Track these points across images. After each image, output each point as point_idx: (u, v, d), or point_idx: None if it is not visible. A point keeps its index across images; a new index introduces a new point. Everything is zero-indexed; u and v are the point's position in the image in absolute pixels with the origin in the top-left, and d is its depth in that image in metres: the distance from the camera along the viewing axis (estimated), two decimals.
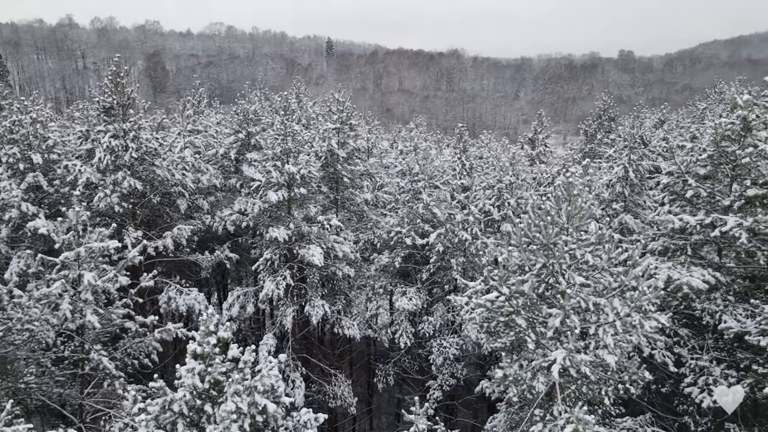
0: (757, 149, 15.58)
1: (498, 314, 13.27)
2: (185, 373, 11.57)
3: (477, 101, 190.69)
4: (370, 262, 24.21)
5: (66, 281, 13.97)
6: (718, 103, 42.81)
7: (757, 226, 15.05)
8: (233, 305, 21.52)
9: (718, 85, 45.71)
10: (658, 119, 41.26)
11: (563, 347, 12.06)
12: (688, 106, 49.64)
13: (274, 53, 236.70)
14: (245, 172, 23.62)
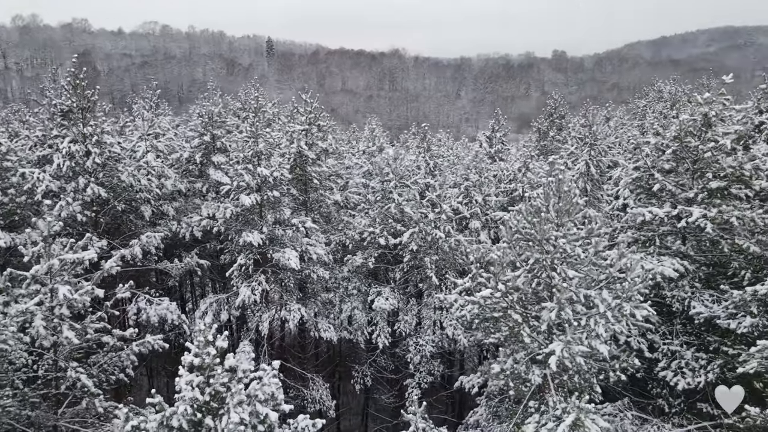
0: (718, 144, 16.57)
1: (492, 310, 13.52)
2: (185, 386, 11.14)
3: (420, 100, 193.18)
4: (342, 264, 24.07)
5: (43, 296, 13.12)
6: (657, 101, 45.25)
7: (720, 216, 16.03)
8: (206, 314, 20.88)
9: (656, 83, 48.25)
10: (603, 116, 43.16)
11: (558, 339, 12.45)
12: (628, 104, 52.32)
13: (212, 53, 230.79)
14: (212, 175, 22.95)
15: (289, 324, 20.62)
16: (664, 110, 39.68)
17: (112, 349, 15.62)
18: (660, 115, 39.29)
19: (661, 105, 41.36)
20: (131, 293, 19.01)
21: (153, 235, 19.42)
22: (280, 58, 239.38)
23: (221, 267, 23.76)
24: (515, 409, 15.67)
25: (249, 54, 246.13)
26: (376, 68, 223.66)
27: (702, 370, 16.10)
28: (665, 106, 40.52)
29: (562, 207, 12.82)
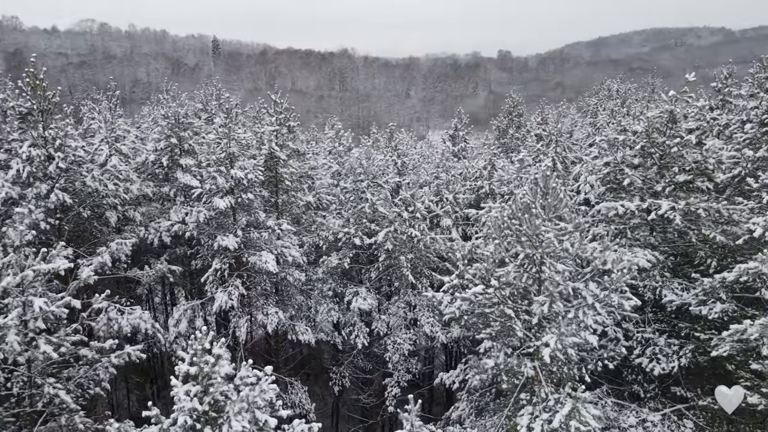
0: (683, 139, 17.39)
1: (483, 306, 13.71)
2: (183, 396, 10.78)
3: (371, 100, 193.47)
4: (316, 266, 23.86)
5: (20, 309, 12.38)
6: (608, 99, 47.02)
7: (689, 207, 16.84)
8: (180, 321, 20.24)
9: (604, 82, 50.13)
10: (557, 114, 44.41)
11: (551, 331, 12.77)
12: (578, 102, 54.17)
13: (155, 52, 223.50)
14: (180, 179, 22.24)
15: (267, 328, 20.25)
16: (615, 108, 41.31)
17: (89, 362, 14.92)
18: (612, 112, 40.88)
19: (612, 103, 42.97)
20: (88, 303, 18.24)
21: (123, 242, 18.66)
22: (227, 57, 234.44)
23: (192, 273, 23.10)
24: (503, 403, 15.97)
25: (194, 54, 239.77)
26: (325, 68, 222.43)
27: (675, 356, 16.86)
28: (616, 104, 42.18)
29: (550, 203, 13.15)
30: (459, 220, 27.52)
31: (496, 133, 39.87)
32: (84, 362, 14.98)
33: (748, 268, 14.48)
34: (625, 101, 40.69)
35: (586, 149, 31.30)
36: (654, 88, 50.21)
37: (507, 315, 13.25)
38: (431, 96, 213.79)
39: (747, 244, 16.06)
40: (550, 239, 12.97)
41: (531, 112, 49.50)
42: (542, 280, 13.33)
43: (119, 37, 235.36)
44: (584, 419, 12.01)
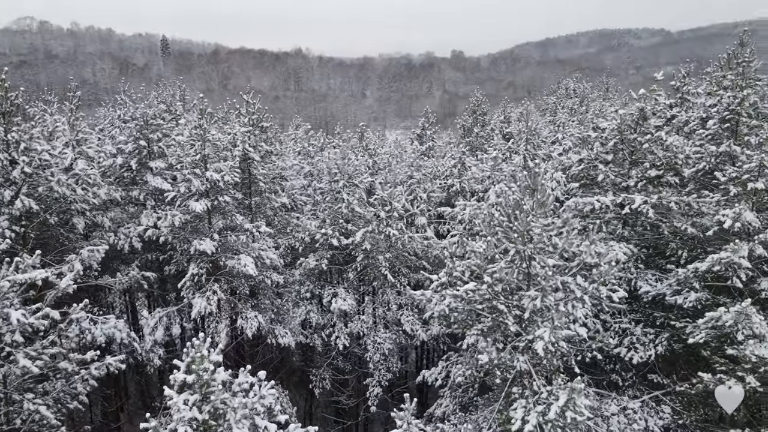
0: (654, 135, 18.07)
1: (476, 303, 13.87)
2: (182, 406, 10.44)
3: (328, 100, 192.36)
4: (292, 268, 23.57)
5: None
6: (566, 98, 48.36)
7: (660, 201, 17.52)
8: (156, 328, 19.61)
9: (562, 81, 51.53)
10: (520, 113, 45.38)
11: (543, 325, 13.03)
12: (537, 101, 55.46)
13: (101, 52, 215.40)
14: (151, 182, 21.53)
15: (247, 332, 19.87)
16: (574, 106, 42.55)
17: (67, 375, 14.26)
18: (571, 110, 42.09)
19: (571, 101, 44.23)
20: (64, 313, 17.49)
21: (96, 249, 17.90)
22: (178, 57, 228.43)
23: (164, 279, 22.40)
24: (492, 397, 16.19)
25: (143, 53, 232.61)
26: (280, 68, 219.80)
27: (651, 344, 17.51)
28: (575, 102, 43.46)
29: (539, 199, 13.41)
30: (432, 218, 27.75)
31: (461, 131, 40.33)
32: (61, 375, 14.32)
33: (720, 257, 15.19)
34: (583, 100, 41.98)
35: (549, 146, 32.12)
36: (608, 86, 52.03)
37: (499, 310, 13.44)
38: (387, 96, 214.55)
39: (716, 236, 16.84)
40: (540, 235, 13.23)
41: (489, 111, 50.47)
42: (533, 275, 13.58)
43: (61, 36, 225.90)
44: (579, 409, 12.31)
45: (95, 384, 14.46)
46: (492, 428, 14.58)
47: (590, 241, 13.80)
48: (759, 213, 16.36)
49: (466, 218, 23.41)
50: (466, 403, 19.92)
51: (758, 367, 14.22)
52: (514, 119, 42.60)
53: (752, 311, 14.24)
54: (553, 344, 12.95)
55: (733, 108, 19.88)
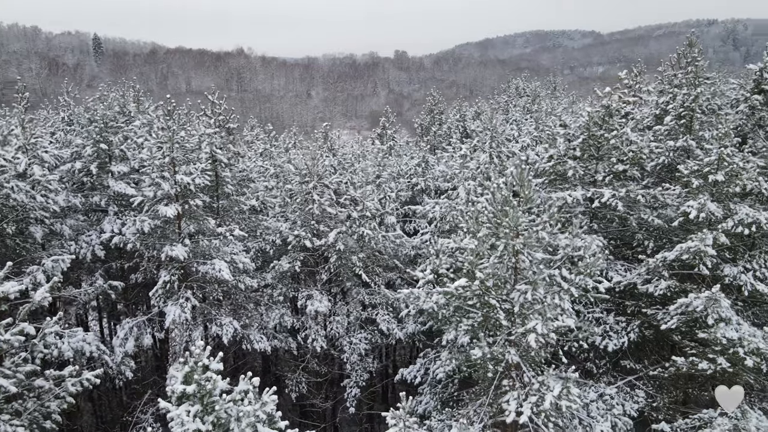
0: (620, 131, 18.84)
1: (466, 299, 14.03)
2: (186, 418, 10.05)
3: (273, 101, 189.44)
4: (263, 271, 23.12)
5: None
6: (517, 97, 49.67)
7: (628, 195, 18.31)
8: (127, 339, 18.76)
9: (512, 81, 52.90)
10: (474, 111, 46.27)
11: (534, 317, 13.35)
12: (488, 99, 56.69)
13: (26, 51, 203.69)
14: (113, 187, 20.53)
15: (223, 339, 19.34)
16: (527, 104, 43.77)
17: (43, 393, 13.43)
18: (524, 109, 43.26)
19: (523, 100, 45.47)
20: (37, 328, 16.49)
21: (61, 259, 16.92)
22: (112, 57, 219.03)
23: (127, 288, 21.42)
24: (479, 391, 16.42)
25: (73, 53, 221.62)
26: (222, 68, 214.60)
27: (623, 332, 18.28)
28: (527, 101, 44.71)
29: (527, 195, 13.72)
30: (399, 216, 27.87)
31: (419, 130, 40.73)
32: (35, 394, 13.47)
33: (688, 246, 16.02)
34: (535, 98, 43.25)
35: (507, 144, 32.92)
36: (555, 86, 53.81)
37: (491, 305, 13.66)
38: (333, 96, 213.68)
39: (680, 226, 17.76)
40: (527, 229, 13.54)
41: (446, 111, 51.36)
42: (521, 269, 13.88)
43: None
44: (572, 397, 12.70)
45: (72, 401, 13.68)
46: (483, 421, 14.80)
47: (574, 234, 14.24)
48: (719, 203, 17.35)
49: (437, 216, 23.70)
50: (446, 399, 20.15)
51: (728, 349, 15.09)
52: (469, 118, 43.35)
53: (721, 296, 15.12)
54: (545, 336, 13.30)
55: (688, 105, 21.02)
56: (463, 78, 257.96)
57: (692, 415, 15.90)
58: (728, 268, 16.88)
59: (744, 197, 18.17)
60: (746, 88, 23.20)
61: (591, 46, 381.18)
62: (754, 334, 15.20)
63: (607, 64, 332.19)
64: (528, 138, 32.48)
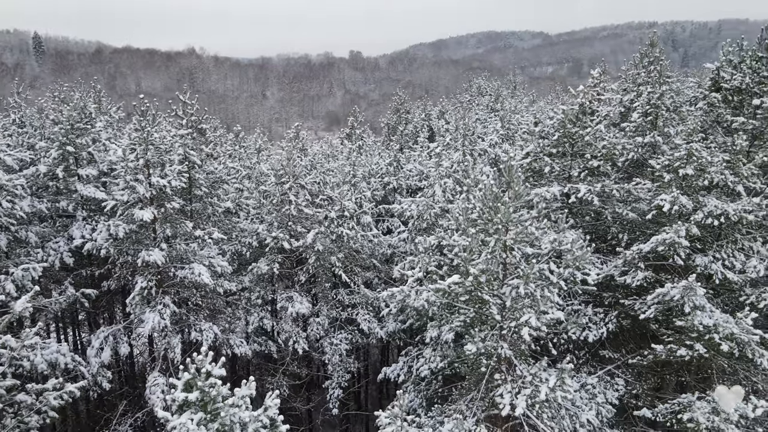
0: (594, 128, 19.40)
1: (459, 295, 14.15)
2: (192, 426, 9.74)
3: (228, 102, 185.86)
4: (240, 274, 22.68)
5: None
6: (479, 96, 50.44)
7: (603, 189, 18.88)
8: (102, 349, 18.03)
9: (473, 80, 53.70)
10: (439, 110, 46.72)
11: (527, 311, 13.60)
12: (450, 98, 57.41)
13: None
14: (82, 191, 19.69)
15: (203, 345, 18.79)
16: (490, 103, 44.52)
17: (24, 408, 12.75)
18: (488, 107, 43.99)
19: (486, 99, 46.21)
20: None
21: (32, 267, 16.10)
22: (54, 57, 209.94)
23: (100, 295, 20.60)
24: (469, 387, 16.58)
25: (12, 52, 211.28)
26: (173, 68, 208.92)
27: (602, 323, 18.84)
28: (490, 99, 45.48)
29: (517, 191, 13.95)
30: (373, 216, 27.85)
31: (386, 130, 40.82)
32: (14, 410, 12.77)
33: (664, 238, 16.64)
34: (497, 97, 44.03)
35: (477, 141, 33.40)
36: (515, 85, 54.93)
37: (484, 300, 13.82)
38: (289, 96, 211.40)
39: (653, 219, 18.43)
40: (517, 225, 13.78)
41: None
42: (512, 264, 14.11)
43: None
44: (567, 388, 13.01)
45: (56, 415, 13.05)
46: (476, 416, 14.96)
47: (561, 228, 14.58)
48: (688, 196, 18.10)
49: (414, 215, 23.81)
50: (431, 396, 20.26)
51: (704, 335, 15.76)
52: (434, 117, 43.73)
53: (697, 285, 15.78)
54: (537, 329, 13.57)
55: (654, 102, 21.85)
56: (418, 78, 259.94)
57: (671, 401, 16.54)
58: (699, 258, 17.62)
59: (710, 190, 19.03)
60: (704, 86, 24.31)
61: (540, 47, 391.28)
62: (727, 320, 15.94)
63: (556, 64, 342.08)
64: (495, 136, 33.04)
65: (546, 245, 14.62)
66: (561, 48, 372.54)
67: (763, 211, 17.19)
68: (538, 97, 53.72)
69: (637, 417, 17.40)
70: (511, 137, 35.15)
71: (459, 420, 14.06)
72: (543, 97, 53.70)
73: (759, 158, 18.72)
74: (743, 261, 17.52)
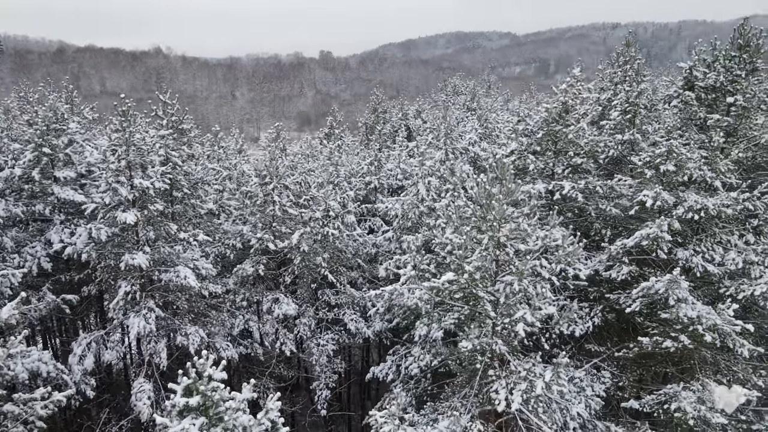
0: (578, 126, 19.73)
1: (453, 293, 14.20)
2: None
3: (197, 102, 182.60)
4: (223, 277, 22.35)
5: None
6: (454, 95, 50.81)
7: (587, 186, 19.22)
8: (85, 356, 17.53)
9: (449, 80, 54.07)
10: (415, 110, 46.87)
11: (522, 307, 13.75)
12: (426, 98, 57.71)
13: None
14: (60, 194, 19.10)
15: (189, 349, 18.51)
16: (466, 102, 44.89)
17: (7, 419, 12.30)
18: (464, 105, 44.34)
19: (462, 98, 46.57)
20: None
21: (11, 273, 15.54)
22: (13, 56, 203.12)
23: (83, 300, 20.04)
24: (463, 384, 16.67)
25: None
26: (139, 68, 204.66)
27: (587, 317, 19.17)
28: (466, 99, 45.85)
29: (510, 188, 14.07)
30: (357, 215, 27.78)
31: (364, 129, 40.78)
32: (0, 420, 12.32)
33: (648, 233, 17.03)
34: (473, 96, 44.42)
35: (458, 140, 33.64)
36: (489, 85, 55.53)
37: (479, 297, 13.91)
38: (259, 97, 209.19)
39: (636, 214, 18.85)
40: (511, 222, 13.92)
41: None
42: (505, 261, 14.24)
43: None
44: (562, 382, 13.20)
45: (43, 425, 12.63)
46: (471, 412, 15.05)
47: (552, 225, 14.78)
48: (669, 192, 18.56)
49: (399, 213, 23.84)
50: (420, 394, 20.29)
51: (688, 327, 16.18)
52: (411, 116, 43.86)
53: (681, 278, 16.19)
54: (532, 325, 13.73)
55: (632, 100, 22.33)
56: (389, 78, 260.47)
57: (657, 392, 16.95)
58: (681, 252, 18.09)
59: (688, 185, 19.56)
60: (677, 84, 24.97)
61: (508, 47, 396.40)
62: (709, 312, 16.40)
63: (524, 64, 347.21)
64: (474, 134, 33.30)
65: (537, 242, 14.77)
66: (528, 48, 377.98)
67: (740, 205, 17.71)
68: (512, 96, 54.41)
69: (623, 409, 17.79)
70: (489, 135, 35.46)
71: (456, 417, 14.13)
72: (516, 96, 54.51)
73: (734, 154, 19.35)
74: (722, 254, 18.04)
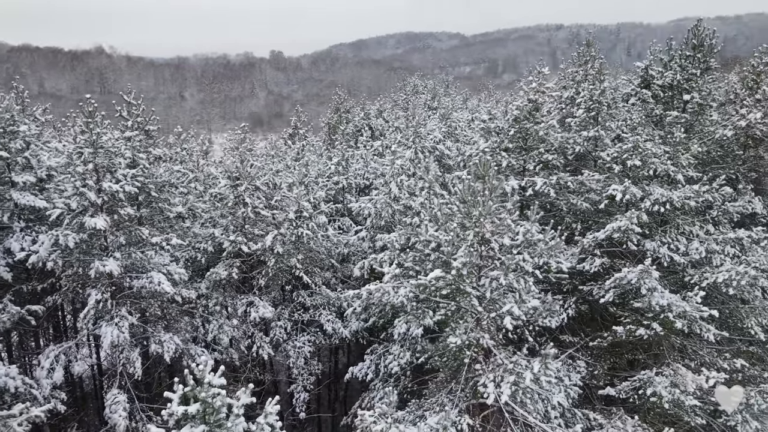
0: (548, 123, 20.25)
1: (440, 289, 14.31)
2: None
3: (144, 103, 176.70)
4: (194, 281, 21.77)
5: None
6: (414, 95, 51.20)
7: (559, 182, 19.77)
8: (54, 369, 16.71)
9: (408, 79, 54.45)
10: (376, 109, 46.92)
11: (508, 301, 14.00)
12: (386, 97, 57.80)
13: None
14: (20, 200, 18.11)
15: (165, 357, 17.96)
16: (427, 101, 45.31)
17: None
18: (425, 104, 44.75)
19: (423, 97, 46.99)
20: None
21: None
22: None
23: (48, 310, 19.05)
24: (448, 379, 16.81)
25: None
26: (80, 69, 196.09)
27: (562, 309, 19.71)
28: (427, 98, 46.28)
29: (495, 184, 14.30)
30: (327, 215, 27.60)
31: (326, 129, 40.56)
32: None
33: (619, 225, 17.68)
34: (435, 96, 44.88)
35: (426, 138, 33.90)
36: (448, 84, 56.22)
37: (466, 293, 14.08)
38: (209, 98, 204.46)
39: (605, 208, 19.52)
40: (495, 217, 14.16)
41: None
42: (489, 257, 14.47)
43: None
44: (549, 372, 13.52)
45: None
46: (458, 406, 15.20)
47: (532, 220, 15.11)
48: (636, 185, 19.31)
49: (372, 213, 23.85)
50: (400, 392, 20.34)
51: (659, 315, 16.88)
52: (373, 116, 43.89)
53: (652, 269, 16.87)
54: (518, 318, 14.02)
55: (596, 98, 23.10)
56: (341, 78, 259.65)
57: (631, 378, 17.60)
58: (648, 243, 18.86)
59: (652, 179, 20.40)
60: (634, 83, 26.00)
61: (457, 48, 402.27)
62: (678, 300, 17.16)
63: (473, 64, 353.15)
64: (438, 133, 33.66)
65: (518, 236, 15.07)
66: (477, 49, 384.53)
67: (701, 197, 18.59)
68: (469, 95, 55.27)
69: (598, 396, 18.39)
70: (453, 134, 35.89)
71: (447, 412, 14.26)
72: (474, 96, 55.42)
73: (694, 149, 20.31)
74: (686, 244, 18.90)
